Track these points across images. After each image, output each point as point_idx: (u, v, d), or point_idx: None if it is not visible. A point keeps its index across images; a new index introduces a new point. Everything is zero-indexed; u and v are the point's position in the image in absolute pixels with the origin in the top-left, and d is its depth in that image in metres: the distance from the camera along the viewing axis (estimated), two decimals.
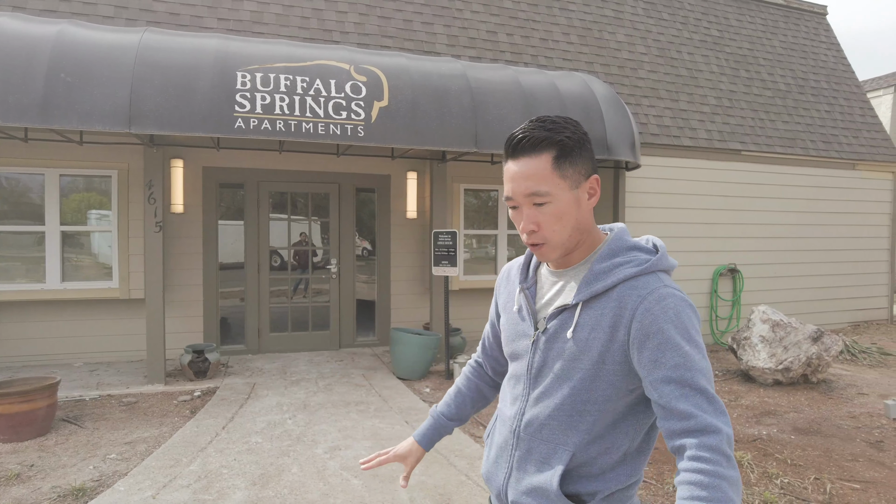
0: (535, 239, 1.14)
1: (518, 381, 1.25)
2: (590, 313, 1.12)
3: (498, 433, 1.30)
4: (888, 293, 9.64)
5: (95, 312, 6.20)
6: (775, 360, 5.65)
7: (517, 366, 1.27)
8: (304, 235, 7.23)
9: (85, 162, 6.04)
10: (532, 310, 1.24)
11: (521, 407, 1.22)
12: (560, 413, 1.15)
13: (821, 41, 10.37)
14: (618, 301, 1.09)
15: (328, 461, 3.76)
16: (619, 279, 1.11)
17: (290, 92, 4.96)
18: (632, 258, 1.14)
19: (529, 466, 1.19)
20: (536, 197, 1.11)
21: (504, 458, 1.25)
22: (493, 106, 5.68)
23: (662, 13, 9.05)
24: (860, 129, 9.63)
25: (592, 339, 1.11)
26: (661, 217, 7.64)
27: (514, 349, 1.27)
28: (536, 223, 1.12)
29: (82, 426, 4.37)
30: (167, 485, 3.38)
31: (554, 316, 1.18)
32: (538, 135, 1.10)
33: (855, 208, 9.23)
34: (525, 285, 1.27)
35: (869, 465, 3.82)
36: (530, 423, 1.20)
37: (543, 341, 1.18)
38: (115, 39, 4.80)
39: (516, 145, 1.12)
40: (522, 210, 1.14)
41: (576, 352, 1.12)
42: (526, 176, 1.11)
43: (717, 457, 0.97)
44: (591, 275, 1.14)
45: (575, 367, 1.13)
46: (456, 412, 1.51)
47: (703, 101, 8.44)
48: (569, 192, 1.12)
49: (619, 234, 1.19)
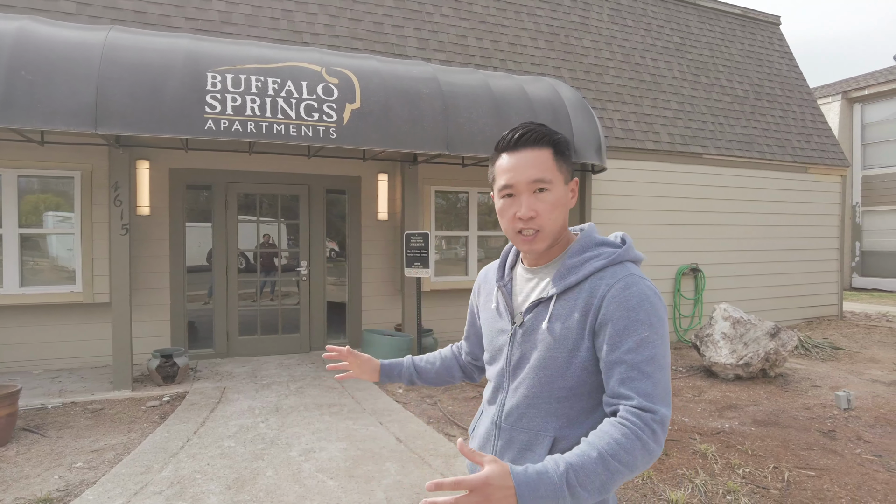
0: (532, 225, 1.19)
1: (498, 375, 1.32)
2: (563, 305, 1.19)
3: (481, 425, 1.37)
4: (838, 291, 10.12)
5: (57, 317, 6.01)
6: (736, 356, 5.88)
7: (497, 360, 1.33)
8: (267, 237, 7.15)
9: (46, 162, 5.86)
10: (509, 306, 1.31)
11: (502, 399, 1.29)
12: (538, 401, 1.21)
13: (775, 50, 10.82)
14: (588, 291, 1.17)
15: (303, 463, 3.76)
16: (589, 271, 1.18)
17: (262, 93, 4.92)
18: (600, 252, 1.22)
19: (511, 454, 1.24)
20: (541, 183, 1.18)
21: (487, 448, 1.31)
22: (464, 109, 5.76)
23: (627, 20, 9.30)
24: (812, 134, 10.09)
25: (566, 328, 1.17)
26: (627, 218, 7.85)
27: (493, 345, 1.34)
28: (535, 210, 1.18)
29: (45, 435, 4.24)
30: (139, 492, 3.32)
31: (530, 310, 1.24)
32: (540, 131, 1.20)
33: (807, 210, 9.66)
34: (501, 283, 1.34)
35: (823, 453, 4.03)
36: (511, 412, 1.25)
37: (521, 334, 1.25)
38: (79, 37, 4.69)
39: (519, 139, 1.20)
40: (521, 198, 1.19)
41: (551, 342, 1.18)
42: (531, 164, 1.18)
43: (643, 424, 1.04)
44: (564, 269, 1.21)
45: (551, 356, 1.19)
46: (422, 366, 1.63)
47: (666, 105, 8.70)
48: (563, 186, 1.21)
49: (589, 232, 1.27)
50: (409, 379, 1.63)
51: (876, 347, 7.74)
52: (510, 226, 1.22)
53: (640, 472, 1.05)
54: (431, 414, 4.80)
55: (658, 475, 3.64)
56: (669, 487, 3.48)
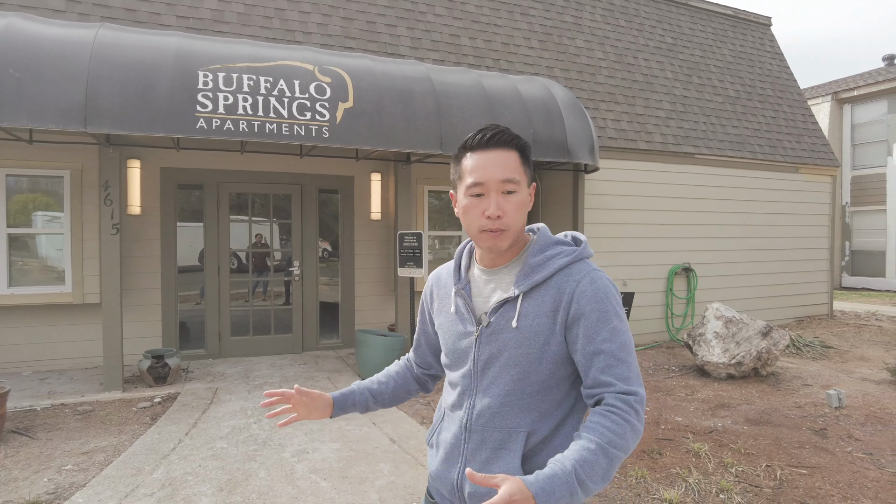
0: (500, 224, 1.21)
1: (463, 378, 1.31)
2: (531, 302, 1.22)
3: (446, 432, 1.34)
4: (828, 290, 10.20)
5: (46, 318, 5.95)
6: (728, 355, 5.91)
7: (462, 363, 1.32)
8: (259, 237, 7.12)
9: (35, 161, 5.80)
10: (471, 308, 1.31)
11: (470, 402, 1.29)
12: (512, 398, 1.23)
13: (766, 50, 10.89)
14: (556, 288, 1.21)
15: (296, 464, 3.73)
16: (555, 269, 1.22)
17: (254, 92, 4.89)
18: (561, 251, 1.26)
19: (485, 454, 1.25)
20: (510, 184, 1.21)
21: (455, 454, 1.29)
22: (457, 109, 5.75)
23: (619, 20, 9.32)
24: (802, 134, 10.16)
25: (537, 324, 1.20)
26: (619, 218, 7.87)
27: (455, 348, 1.32)
28: (503, 210, 1.20)
29: (34, 437, 4.19)
30: (129, 494, 3.29)
31: (496, 310, 1.25)
32: (509, 133, 1.23)
33: (798, 210, 9.73)
34: (460, 286, 1.33)
35: (814, 451, 4.05)
36: (482, 413, 1.26)
37: (488, 335, 1.25)
38: (68, 35, 4.64)
39: (490, 138, 1.22)
40: (490, 197, 1.21)
41: (521, 339, 1.21)
42: (502, 164, 1.21)
43: (628, 408, 1.12)
44: (528, 268, 1.24)
45: (522, 352, 1.21)
46: (377, 389, 1.54)
47: (658, 105, 8.74)
48: (526, 188, 1.26)
49: (545, 232, 1.32)
50: (364, 406, 1.51)
51: (866, 346, 7.81)
52: (476, 223, 1.23)
53: (632, 451, 1.13)
54: (425, 414, 4.79)
55: (651, 474, 3.65)
56: (663, 486, 3.48)
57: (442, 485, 1.33)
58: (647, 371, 6.42)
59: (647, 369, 6.50)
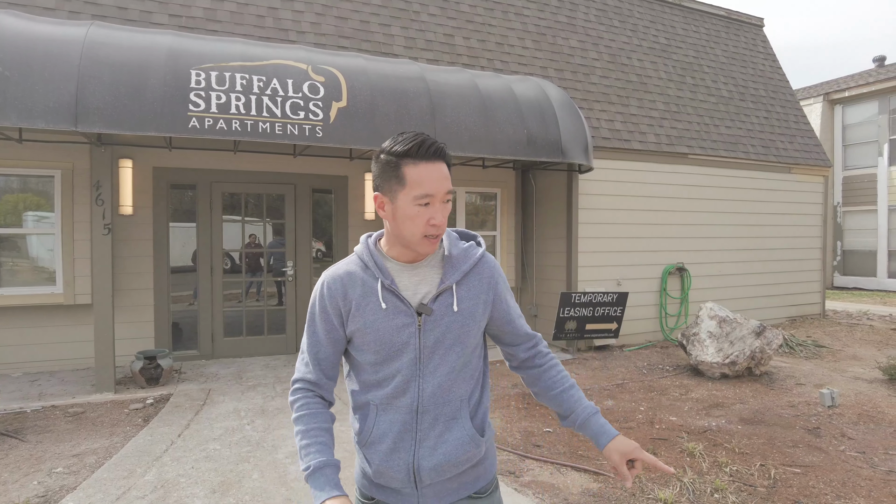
0: (439, 231, 1.35)
1: (408, 367, 1.37)
2: (464, 287, 1.42)
3: (387, 424, 1.38)
4: (821, 289, 10.26)
5: (37, 319, 5.89)
6: (722, 355, 5.92)
7: (398, 356, 1.37)
8: (253, 237, 7.08)
9: (25, 161, 5.74)
10: (404, 300, 1.38)
11: (416, 386, 1.37)
12: (453, 371, 1.40)
13: (758, 51, 10.94)
14: (478, 273, 1.45)
15: (289, 466, 3.71)
16: (476, 258, 1.45)
17: (247, 91, 4.86)
18: (469, 244, 1.49)
19: (439, 428, 1.38)
20: (450, 195, 1.36)
21: (407, 440, 1.37)
22: (452, 108, 5.74)
23: (613, 20, 9.34)
24: (795, 135, 10.21)
25: (472, 306, 1.42)
26: (613, 218, 7.88)
27: (392, 342, 1.36)
28: (444, 219, 1.35)
29: (24, 440, 4.15)
30: (121, 497, 3.25)
31: (435, 299, 1.38)
32: (443, 146, 1.35)
33: (791, 210, 9.78)
34: (386, 282, 1.38)
35: (808, 450, 4.07)
36: (434, 392, 1.38)
37: (431, 322, 1.37)
38: (58, 33, 4.59)
39: (439, 150, 1.33)
40: (436, 207, 1.33)
41: (463, 319, 1.40)
42: (445, 177, 1.33)
43: (559, 364, 1.58)
44: (454, 260, 1.43)
45: (464, 331, 1.40)
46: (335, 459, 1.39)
47: (652, 106, 8.75)
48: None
49: (449, 230, 1.50)
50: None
51: (858, 345, 7.85)
52: (421, 230, 1.33)
53: None
54: None
55: (646, 474, 3.65)
56: (658, 486, 3.48)
57: (393, 474, 1.37)
58: (642, 371, 6.43)
59: (640, 369, 6.51)
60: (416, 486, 1.39)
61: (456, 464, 1.39)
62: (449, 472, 1.39)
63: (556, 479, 3.61)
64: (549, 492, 3.44)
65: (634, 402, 5.24)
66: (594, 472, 3.70)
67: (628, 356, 7.19)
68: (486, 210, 8.19)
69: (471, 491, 1.45)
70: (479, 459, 1.46)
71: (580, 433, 1.53)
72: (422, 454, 1.36)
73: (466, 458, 1.40)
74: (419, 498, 1.40)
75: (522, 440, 4.26)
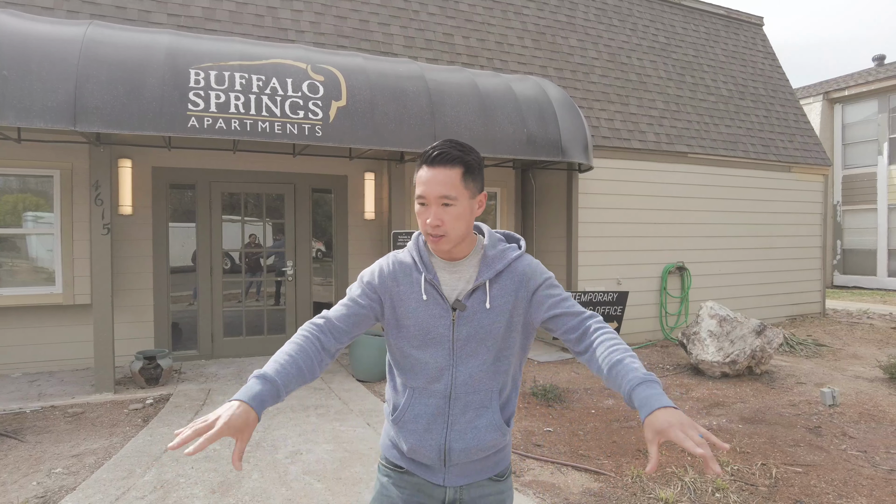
0: (439, 231, 1.44)
1: (439, 356, 1.49)
2: (497, 286, 1.50)
3: (421, 406, 1.52)
4: (821, 288, 10.25)
5: (36, 319, 5.88)
6: (723, 354, 5.91)
7: (435, 344, 1.49)
8: (253, 237, 7.08)
9: (24, 161, 5.73)
10: (443, 295, 1.50)
11: (450, 373, 1.49)
12: (485, 365, 1.50)
13: (758, 50, 10.93)
14: (512, 273, 1.52)
15: (289, 466, 3.70)
16: (510, 259, 1.52)
17: (246, 90, 4.85)
18: (507, 246, 1.57)
19: (470, 415, 1.50)
20: (446, 199, 1.42)
21: (439, 422, 1.50)
22: (451, 107, 5.72)
23: (613, 19, 9.33)
24: (794, 133, 10.20)
25: (504, 303, 1.50)
26: (613, 217, 7.87)
27: (429, 331, 1.50)
28: (441, 220, 1.43)
29: (23, 440, 4.14)
30: (120, 497, 3.24)
31: (469, 295, 1.49)
32: (453, 153, 1.43)
33: (791, 209, 9.77)
34: (430, 276, 1.51)
35: (809, 449, 4.06)
36: (466, 381, 1.49)
37: (465, 316, 1.48)
38: (56, 32, 4.58)
39: (435, 158, 1.43)
40: (431, 208, 1.43)
41: (494, 316, 1.49)
42: (440, 182, 1.42)
43: (606, 324, 1.53)
44: (489, 259, 1.52)
45: (495, 327, 1.49)
46: (285, 384, 1.35)
47: (651, 105, 8.75)
48: (468, 201, 1.46)
49: (491, 231, 1.60)
50: (279, 398, 1.35)
51: (858, 344, 7.85)
52: (423, 228, 1.47)
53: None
54: None
55: (647, 473, 3.64)
56: (659, 486, 3.47)
57: (425, 452, 1.51)
58: None
59: None
60: (444, 464, 1.52)
61: (484, 448, 1.51)
62: (476, 455, 1.51)
63: (557, 479, 3.60)
64: (550, 491, 3.43)
65: None
66: (595, 471, 3.69)
67: None
68: (487, 209, 8.18)
69: (491, 474, 1.57)
70: (502, 446, 1.58)
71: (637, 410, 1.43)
72: (452, 437, 1.49)
73: (493, 444, 1.52)
74: (446, 475, 1.53)
75: (523, 440, 4.25)
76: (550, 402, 5.08)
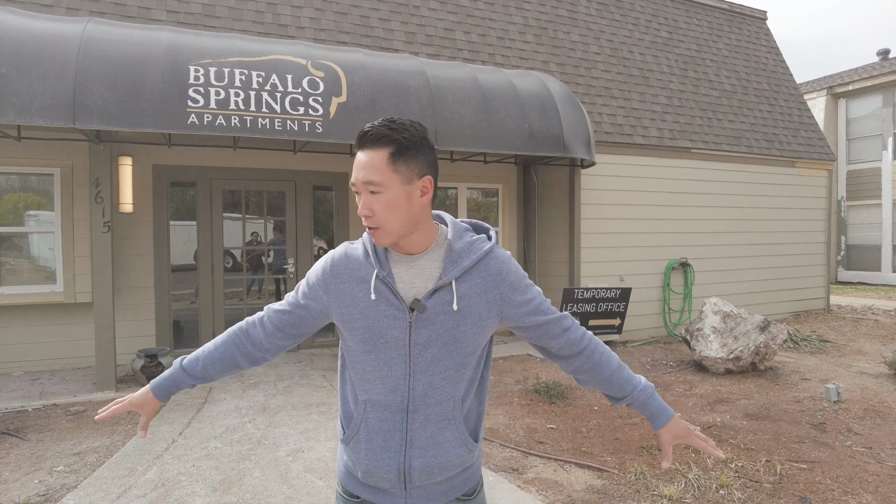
0: (371, 223, 1.27)
1: (393, 364, 1.31)
2: (465, 285, 1.31)
3: (376, 421, 1.34)
4: (825, 284, 10.19)
5: (37, 318, 5.87)
6: (726, 350, 5.88)
7: (387, 349, 1.31)
8: (255, 235, 7.06)
9: (24, 159, 5.72)
10: (397, 293, 1.30)
11: (406, 384, 1.31)
12: (448, 372, 1.32)
13: (761, 45, 10.86)
14: (483, 271, 1.33)
15: (291, 464, 3.68)
16: (481, 252, 1.33)
17: (246, 87, 4.82)
18: (475, 237, 1.38)
19: (431, 429, 1.33)
20: (371, 185, 1.24)
21: (396, 439, 1.33)
22: (452, 103, 5.69)
23: (615, 14, 9.27)
24: (798, 128, 10.14)
25: (474, 304, 1.31)
26: (616, 213, 7.84)
27: (380, 336, 1.30)
28: (371, 209, 1.25)
29: (25, 438, 4.13)
30: (121, 495, 3.23)
31: (430, 295, 1.29)
32: (379, 132, 1.23)
33: (795, 204, 9.71)
34: (382, 273, 1.31)
35: (814, 445, 4.03)
36: (425, 391, 1.31)
37: (424, 319, 1.29)
38: (56, 29, 4.56)
39: (361, 138, 1.25)
40: (361, 196, 1.27)
41: (462, 319, 1.30)
42: (365, 166, 1.24)
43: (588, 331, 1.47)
44: (456, 254, 1.32)
45: (463, 331, 1.31)
46: (202, 372, 1.47)
47: (654, 100, 8.70)
48: (400, 187, 1.24)
49: (455, 221, 1.40)
50: (191, 385, 1.50)
51: (863, 340, 7.80)
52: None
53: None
54: None
55: (651, 470, 3.61)
56: (662, 483, 3.45)
57: (381, 474, 1.33)
58: (645, 367, 6.39)
59: (644, 365, 6.47)
60: (405, 487, 1.35)
61: (447, 467, 1.35)
62: (440, 475, 1.35)
63: (560, 476, 3.58)
64: (553, 489, 3.41)
65: None
66: (598, 468, 3.67)
67: (631, 352, 7.15)
68: (488, 206, 8.15)
69: (459, 493, 1.42)
70: (470, 464, 1.42)
71: (637, 411, 1.51)
72: (412, 454, 1.33)
73: (458, 461, 1.37)
74: (407, 498, 1.37)
75: (525, 437, 4.23)
76: (553, 399, 5.05)
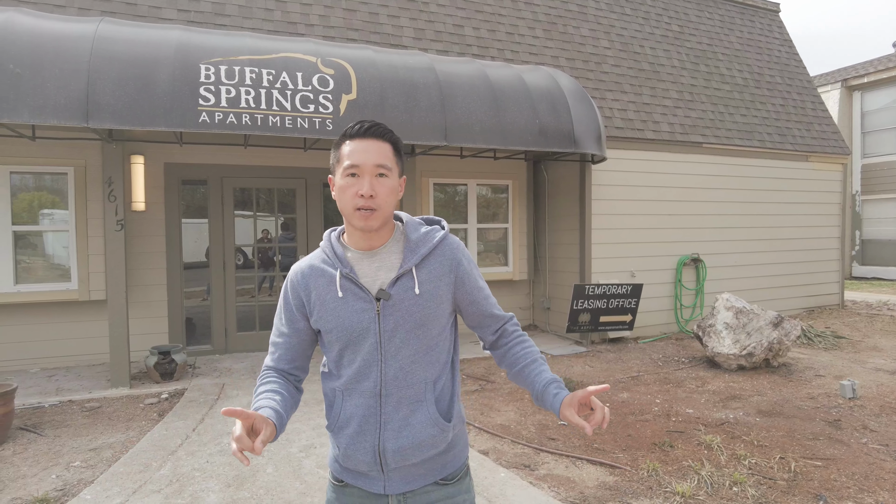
0: (372, 203, 1.36)
1: (369, 352, 1.40)
2: (425, 271, 1.43)
3: (353, 408, 1.42)
4: (839, 280, 10.07)
5: (53, 315, 5.95)
6: (739, 346, 5.83)
7: (360, 340, 1.40)
8: (266, 232, 7.10)
9: (38, 158, 5.78)
10: (362, 286, 1.41)
11: (378, 370, 1.40)
12: (416, 354, 1.41)
13: (774, 37, 10.72)
14: (440, 256, 1.45)
15: (303, 460, 3.71)
16: (436, 241, 1.46)
17: (256, 85, 4.84)
18: (430, 228, 1.51)
19: (403, 411, 1.41)
20: (382, 169, 1.38)
21: (371, 422, 1.40)
22: (462, 99, 5.68)
23: (625, 8, 9.20)
24: (812, 122, 10.01)
25: (434, 288, 1.43)
26: (627, 209, 7.79)
27: (352, 328, 1.40)
28: (375, 191, 1.36)
29: (42, 434, 4.19)
30: (137, 490, 3.27)
31: (393, 284, 1.40)
32: (384, 128, 1.42)
33: (808, 199, 9.60)
34: (346, 270, 1.42)
35: (829, 443, 3.99)
36: (396, 375, 1.40)
37: (390, 306, 1.39)
38: (68, 29, 4.60)
39: (368, 129, 1.40)
40: (364, 178, 1.37)
41: (424, 302, 1.41)
42: (376, 151, 1.38)
43: (521, 328, 1.60)
44: (413, 244, 1.45)
45: (426, 314, 1.41)
46: (285, 416, 1.40)
47: (665, 94, 8.62)
48: (396, 178, 1.43)
49: (409, 216, 1.53)
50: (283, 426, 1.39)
51: (878, 336, 7.71)
52: (351, 202, 1.37)
53: None
54: None
55: (663, 467, 3.60)
56: (675, 479, 3.43)
57: (359, 457, 1.41)
58: (657, 363, 6.36)
59: (656, 361, 6.44)
60: (382, 470, 1.42)
61: (420, 447, 1.41)
62: (414, 455, 1.41)
63: (572, 473, 3.57)
64: (565, 485, 3.40)
65: (650, 394, 5.18)
66: (610, 465, 3.66)
67: (643, 348, 7.12)
68: (498, 202, 8.13)
69: (438, 477, 1.47)
70: (446, 446, 1.47)
71: (544, 409, 1.56)
72: (386, 436, 1.40)
73: (431, 442, 1.42)
74: (385, 482, 1.43)
75: (537, 433, 4.23)
76: None
